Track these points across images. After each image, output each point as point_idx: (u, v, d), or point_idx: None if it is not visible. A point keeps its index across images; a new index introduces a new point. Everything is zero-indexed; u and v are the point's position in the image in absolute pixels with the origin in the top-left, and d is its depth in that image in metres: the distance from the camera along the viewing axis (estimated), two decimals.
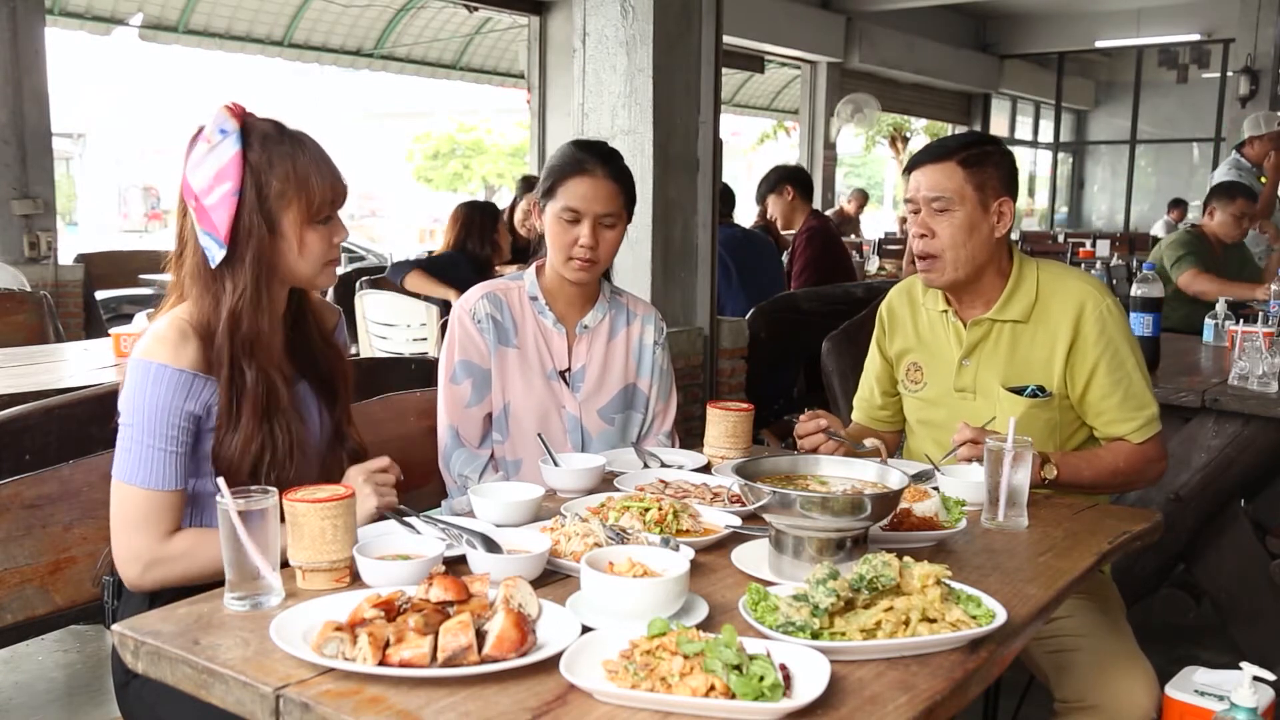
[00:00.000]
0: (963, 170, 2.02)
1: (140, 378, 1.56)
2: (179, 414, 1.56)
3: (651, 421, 2.31)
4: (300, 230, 1.63)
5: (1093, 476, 2.00)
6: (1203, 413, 2.91)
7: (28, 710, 2.91)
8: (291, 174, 1.61)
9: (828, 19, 12.98)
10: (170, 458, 1.56)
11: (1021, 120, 18.99)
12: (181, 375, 1.56)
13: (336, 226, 1.68)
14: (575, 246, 2.13)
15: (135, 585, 1.58)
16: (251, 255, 1.60)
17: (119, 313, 6.50)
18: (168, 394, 1.55)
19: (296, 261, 1.64)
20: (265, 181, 1.60)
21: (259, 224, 1.60)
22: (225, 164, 1.58)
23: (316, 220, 1.64)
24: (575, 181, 2.13)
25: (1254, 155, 5.67)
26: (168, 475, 1.56)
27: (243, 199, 1.58)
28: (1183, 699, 1.75)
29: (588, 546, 1.45)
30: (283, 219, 1.61)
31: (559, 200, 2.14)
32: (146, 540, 1.55)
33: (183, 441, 1.57)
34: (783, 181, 5.21)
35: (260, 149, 1.60)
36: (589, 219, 2.12)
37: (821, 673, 1.10)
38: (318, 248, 1.65)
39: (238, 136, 1.59)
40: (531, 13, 9.02)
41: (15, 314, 4.07)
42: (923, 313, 2.24)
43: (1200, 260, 4.47)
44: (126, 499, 1.56)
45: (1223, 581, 3.12)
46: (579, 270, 2.15)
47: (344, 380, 1.83)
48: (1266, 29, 11.00)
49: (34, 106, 5.94)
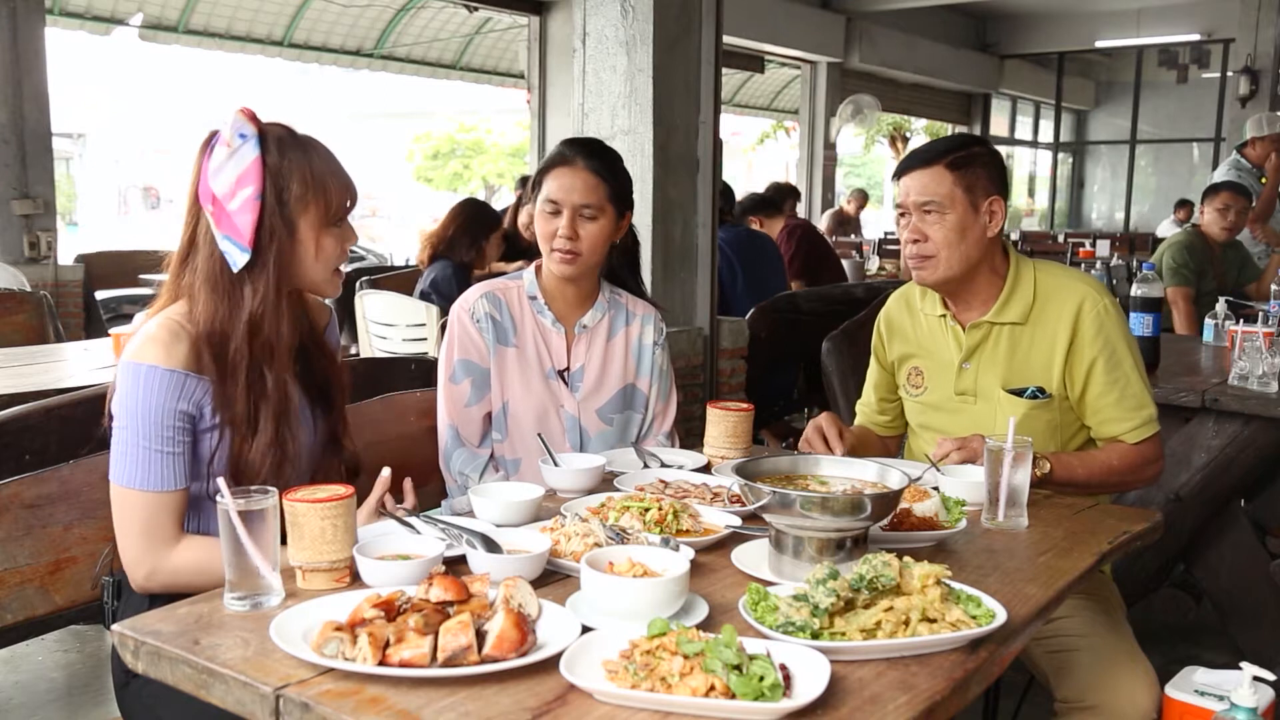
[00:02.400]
0: (951, 173, 2.03)
1: (132, 380, 1.56)
2: (173, 414, 1.56)
3: (651, 422, 2.31)
4: (317, 234, 1.64)
5: (1087, 475, 2.00)
6: (1203, 413, 2.91)
7: (28, 710, 2.91)
8: (309, 177, 1.62)
9: (828, 19, 12.99)
10: (167, 459, 1.55)
11: (1021, 120, 18.99)
12: (173, 375, 1.56)
13: (348, 231, 1.69)
14: (555, 238, 2.14)
15: (142, 589, 1.58)
16: (274, 260, 1.61)
17: (119, 313, 6.50)
18: (160, 394, 1.55)
19: (312, 266, 1.65)
20: (284, 185, 1.61)
21: (280, 228, 1.61)
22: (246, 168, 1.58)
23: (332, 223, 1.65)
24: (555, 174, 2.16)
25: (1255, 157, 5.67)
26: (166, 476, 1.56)
27: (264, 203, 1.59)
28: (1183, 699, 1.75)
29: (588, 546, 1.45)
30: (300, 222, 1.62)
31: (541, 193, 2.17)
32: (151, 543, 1.55)
33: (179, 441, 1.57)
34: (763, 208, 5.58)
35: (278, 153, 1.61)
36: (568, 209, 2.13)
37: (821, 673, 1.10)
38: (332, 251, 1.66)
39: (257, 141, 1.60)
40: (531, 13, 9.02)
41: (15, 314, 4.07)
42: (921, 318, 2.24)
43: (1196, 277, 4.52)
44: (126, 503, 1.56)
45: (1223, 581, 3.12)
46: (561, 263, 2.15)
47: (340, 388, 1.83)
48: (1266, 29, 11.00)
49: (34, 106, 5.94)
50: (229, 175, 1.59)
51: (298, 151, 1.63)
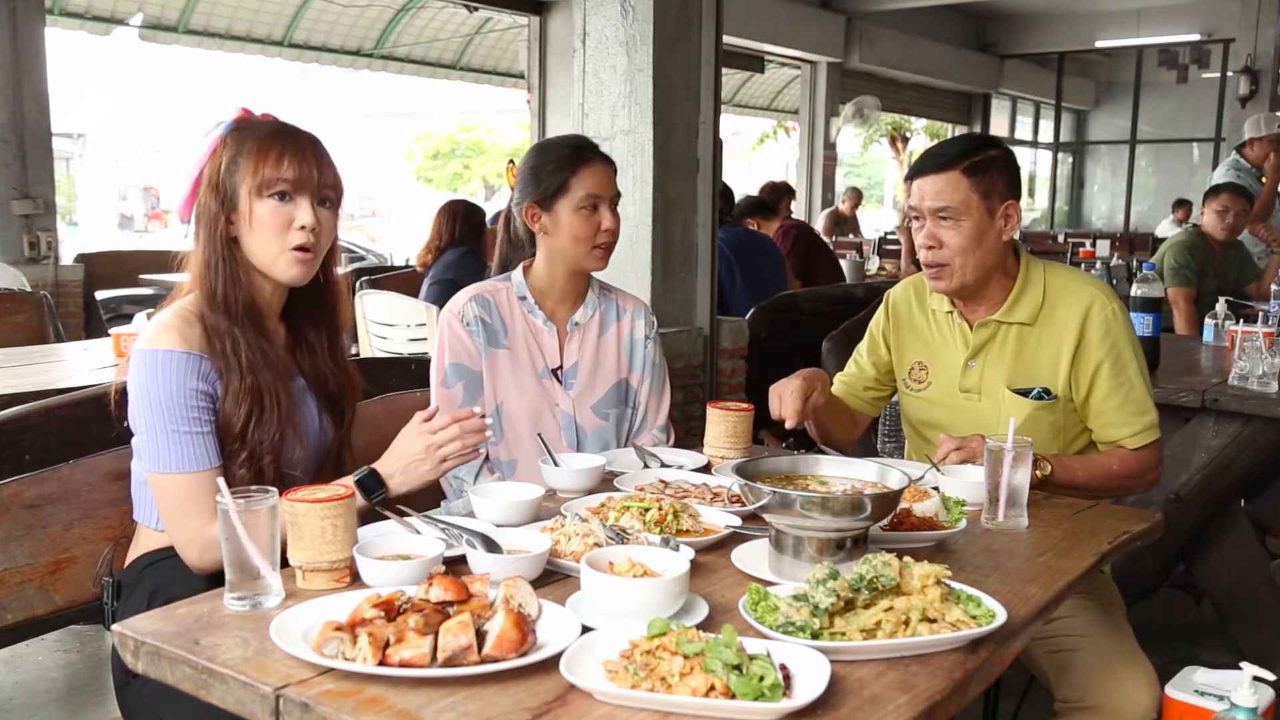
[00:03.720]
0: (968, 179, 2.01)
1: (149, 367, 1.58)
2: (194, 394, 1.58)
3: (645, 415, 2.30)
4: (251, 202, 1.63)
5: (1087, 478, 2.00)
6: (1203, 413, 2.91)
7: (28, 710, 2.91)
8: (254, 148, 1.63)
9: (828, 19, 12.99)
10: (196, 439, 1.57)
11: (1021, 120, 18.99)
12: (188, 357, 1.58)
13: (297, 209, 1.64)
14: (600, 232, 2.17)
15: (199, 569, 1.58)
16: (206, 227, 1.64)
17: (119, 313, 6.50)
18: (179, 376, 1.57)
19: (249, 236, 1.65)
20: (231, 157, 1.63)
21: (210, 199, 1.64)
22: (205, 150, 1.64)
23: (267, 194, 1.63)
24: (587, 170, 2.17)
25: (1254, 157, 5.67)
26: (199, 456, 1.57)
27: (202, 174, 1.64)
28: (1183, 699, 1.75)
29: (588, 546, 1.45)
30: (239, 193, 1.63)
31: (576, 192, 2.16)
32: (198, 522, 1.56)
33: (204, 421, 1.59)
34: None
35: (239, 132, 1.65)
36: (607, 202, 2.18)
37: (821, 673, 1.10)
38: (270, 224, 1.63)
39: (227, 125, 1.64)
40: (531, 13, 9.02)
41: (15, 314, 4.07)
42: (928, 313, 2.23)
43: (1197, 277, 4.52)
44: (167, 488, 1.57)
45: (1223, 581, 3.12)
46: (601, 257, 2.20)
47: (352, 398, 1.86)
48: (1266, 29, 11.01)
49: (34, 106, 5.94)
50: (192, 157, 1.64)
51: (261, 129, 1.65)
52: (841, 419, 2.29)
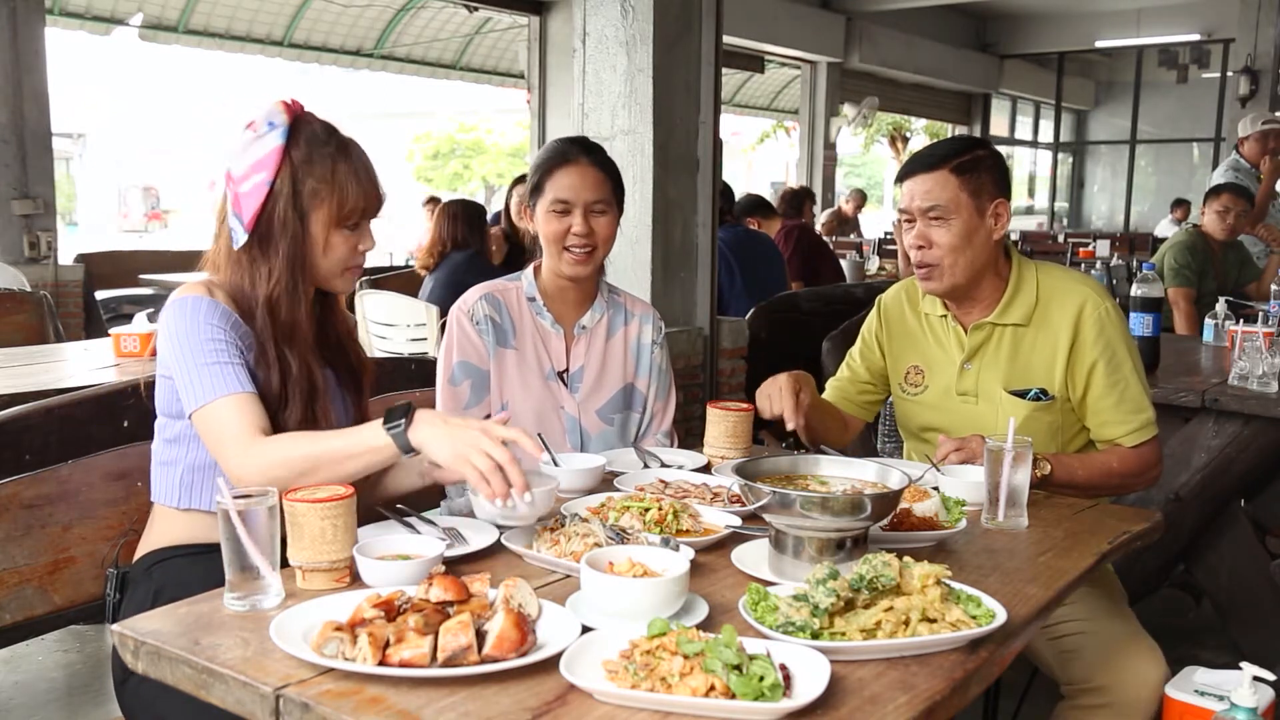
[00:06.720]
0: (956, 178, 2.02)
1: (178, 312, 1.61)
2: (223, 330, 1.60)
3: (650, 420, 2.30)
4: (327, 231, 1.67)
5: (1086, 477, 2.00)
6: (1203, 413, 2.90)
7: (28, 710, 2.91)
8: (329, 176, 1.65)
9: (828, 19, 12.99)
10: (227, 368, 1.57)
11: (1021, 120, 19.00)
12: (217, 306, 1.62)
13: (364, 235, 1.72)
14: (569, 236, 2.13)
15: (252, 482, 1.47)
16: (286, 247, 1.65)
17: (119, 313, 6.49)
18: (210, 314, 1.60)
19: (320, 261, 1.69)
20: (301, 178, 1.64)
21: (292, 219, 1.64)
22: (265, 155, 1.63)
23: (345, 225, 1.68)
24: (561, 173, 2.15)
25: (1251, 156, 5.67)
26: (233, 380, 1.57)
27: (274, 190, 1.63)
28: (1183, 699, 1.75)
29: (588, 546, 1.45)
30: (313, 217, 1.66)
31: (548, 194, 2.15)
32: (245, 442, 1.54)
33: (234, 353, 1.59)
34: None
35: (305, 147, 1.65)
36: (579, 207, 2.14)
37: (821, 673, 1.10)
38: (341, 250, 1.69)
39: (284, 131, 1.64)
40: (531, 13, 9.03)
41: (15, 314, 4.07)
42: (921, 317, 2.23)
43: (1198, 277, 4.52)
44: (211, 418, 1.56)
45: (1223, 581, 3.12)
46: (576, 263, 2.15)
47: (368, 375, 1.89)
48: (1266, 29, 11.01)
49: (34, 106, 5.94)
50: (247, 158, 1.64)
51: (327, 149, 1.66)
52: (831, 423, 2.29)
